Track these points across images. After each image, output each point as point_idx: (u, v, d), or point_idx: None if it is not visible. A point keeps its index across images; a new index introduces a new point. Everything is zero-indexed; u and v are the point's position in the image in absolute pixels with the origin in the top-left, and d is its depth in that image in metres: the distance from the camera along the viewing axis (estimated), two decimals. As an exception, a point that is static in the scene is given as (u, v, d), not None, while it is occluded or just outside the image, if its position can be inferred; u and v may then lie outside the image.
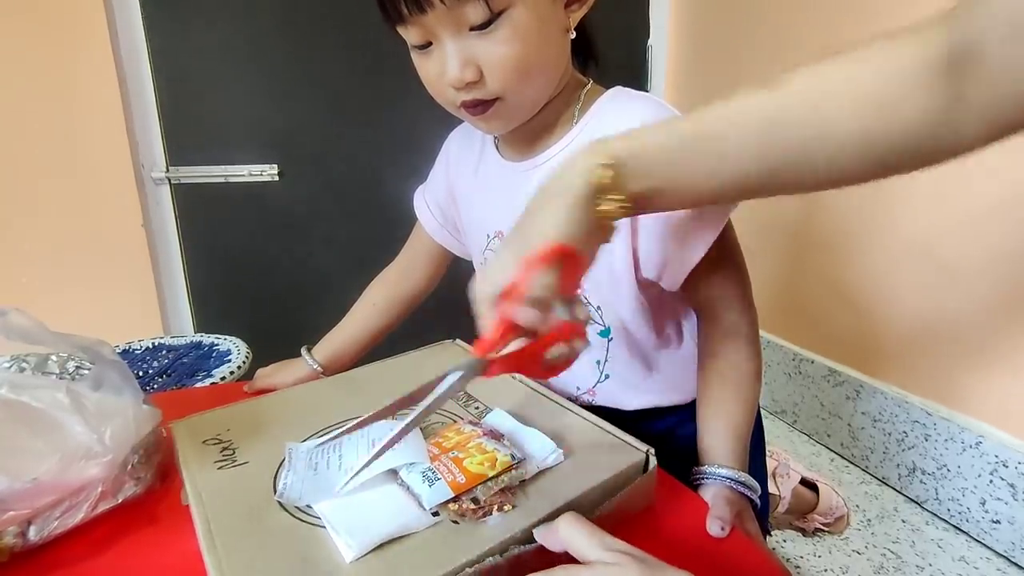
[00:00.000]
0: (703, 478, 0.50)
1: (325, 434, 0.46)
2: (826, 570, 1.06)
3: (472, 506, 0.35)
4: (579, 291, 0.39)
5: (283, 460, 0.42)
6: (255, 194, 1.65)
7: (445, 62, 0.46)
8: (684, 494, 0.46)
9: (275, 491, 0.39)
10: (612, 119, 0.52)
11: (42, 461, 0.40)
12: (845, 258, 1.36)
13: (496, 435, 0.42)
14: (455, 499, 0.36)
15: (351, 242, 1.74)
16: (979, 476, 1.09)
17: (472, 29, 0.45)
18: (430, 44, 0.47)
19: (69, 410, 0.43)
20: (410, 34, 0.48)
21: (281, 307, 1.75)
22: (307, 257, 1.73)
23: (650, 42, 1.88)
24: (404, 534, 0.34)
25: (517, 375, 0.55)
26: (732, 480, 0.49)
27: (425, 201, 0.74)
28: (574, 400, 0.60)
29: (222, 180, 1.61)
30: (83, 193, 1.50)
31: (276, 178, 1.63)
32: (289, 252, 1.72)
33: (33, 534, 0.40)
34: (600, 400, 0.62)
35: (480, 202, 0.62)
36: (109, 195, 1.53)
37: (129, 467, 0.45)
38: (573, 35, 0.50)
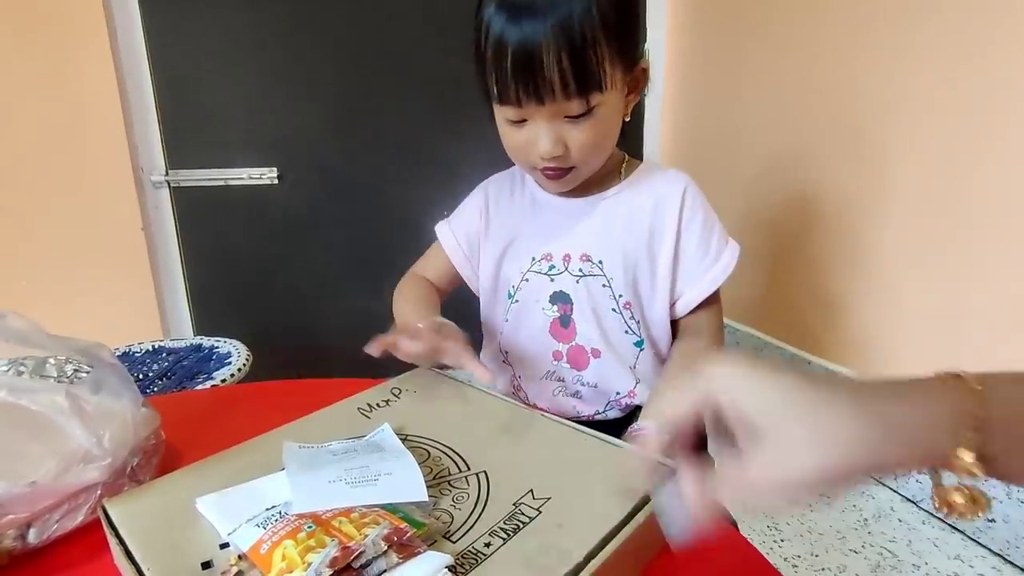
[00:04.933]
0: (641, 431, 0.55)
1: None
2: (823, 569, 1.06)
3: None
4: None
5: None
6: (254, 197, 1.65)
7: (538, 138, 0.57)
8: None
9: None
10: (646, 186, 0.67)
11: (41, 465, 0.40)
12: (844, 258, 1.36)
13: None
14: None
15: (350, 245, 1.74)
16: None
17: (566, 117, 0.56)
18: (524, 121, 0.58)
19: (68, 413, 0.44)
20: (510, 112, 0.57)
21: (280, 309, 1.76)
22: (306, 260, 1.74)
23: (647, 45, 1.89)
24: None
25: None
26: None
27: (452, 232, 0.75)
28: (614, 403, 0.69)
29: (221, 183, 1.62)
30: (83, 196, 1.51)
31: (275, 181, 1.64)
32: (288, 255, 1.73)
33: (32, 537, 0.40)
34: (639, 400, 0.69)
35: (531, 230, 0.69)
36: (109, 198, 1.53)
37: (128, 470, 0.45)
38: (628, 119, 0.62)
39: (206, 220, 1.65)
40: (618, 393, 0.68)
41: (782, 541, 1.14)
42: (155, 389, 1.04)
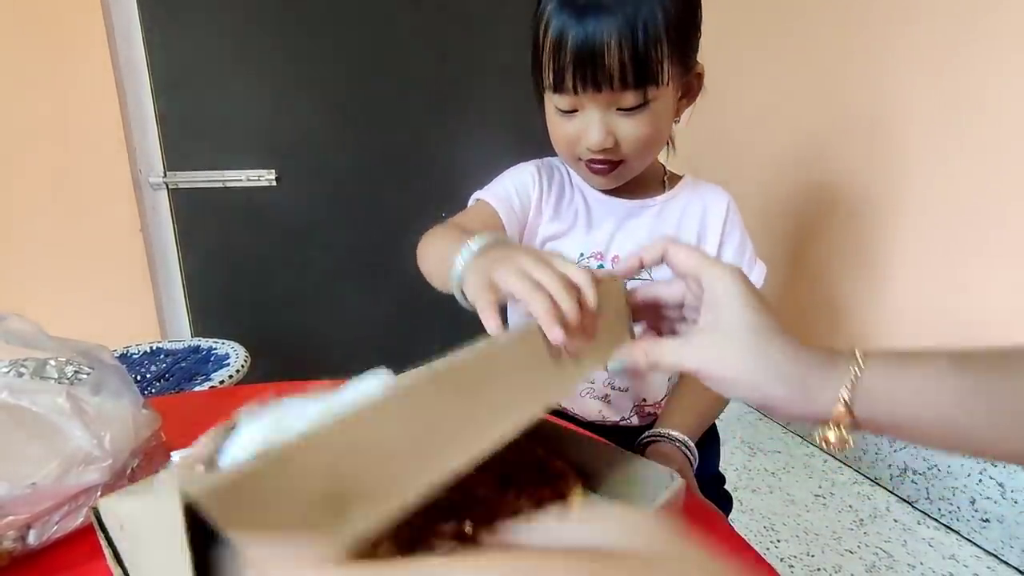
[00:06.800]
0: (656, 438, 0.58)
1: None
2: (819, 569, 1.07)
3: None
4: None
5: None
6: (253, 199, 1.65)
7: (588, 128, 0.56)
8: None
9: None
10: (693, 195, 0.68)
11: (41, 466, 0.40)
12: (848, 261, 1.37)
13: None
14: None
15: (348, 246, 1.74)
16: (969, 476, 1.10)
17: (619, 109, 0.55)
18: (575, 111, 0.57)
19: (68, 415, 0.44)
20: (563, 101, 0.57)
21: (278, 311, 1.76)
22: (304, 261, 1.74)
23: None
24: None
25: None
26: (679, 442, 0.57)
27: (502, 186, 0.67)
28: (638, 409, 0.69)
29: (220, 185, 1.62)
30: (81, 198, 1.51)
31: (273, 183, 1.64)
32: (286, 256, 1.73)
33: (32, 539, 0.40)
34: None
35: (581, 226, 0.67)
36: (107, 200, 1.53)
37: (128, 471, 0.46)
38: (679, 122, 0.62)
39: (204, 222, 1.65)
40: (645, 400, 0.68)
41: (778, 541, 1.15)
42: (153, 391, 1.04)
